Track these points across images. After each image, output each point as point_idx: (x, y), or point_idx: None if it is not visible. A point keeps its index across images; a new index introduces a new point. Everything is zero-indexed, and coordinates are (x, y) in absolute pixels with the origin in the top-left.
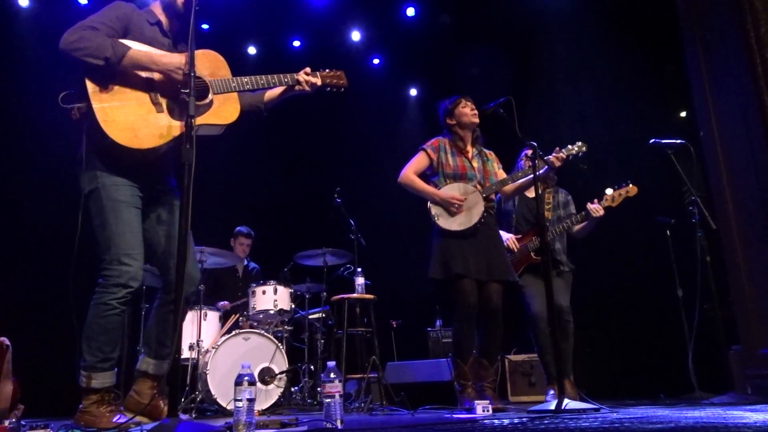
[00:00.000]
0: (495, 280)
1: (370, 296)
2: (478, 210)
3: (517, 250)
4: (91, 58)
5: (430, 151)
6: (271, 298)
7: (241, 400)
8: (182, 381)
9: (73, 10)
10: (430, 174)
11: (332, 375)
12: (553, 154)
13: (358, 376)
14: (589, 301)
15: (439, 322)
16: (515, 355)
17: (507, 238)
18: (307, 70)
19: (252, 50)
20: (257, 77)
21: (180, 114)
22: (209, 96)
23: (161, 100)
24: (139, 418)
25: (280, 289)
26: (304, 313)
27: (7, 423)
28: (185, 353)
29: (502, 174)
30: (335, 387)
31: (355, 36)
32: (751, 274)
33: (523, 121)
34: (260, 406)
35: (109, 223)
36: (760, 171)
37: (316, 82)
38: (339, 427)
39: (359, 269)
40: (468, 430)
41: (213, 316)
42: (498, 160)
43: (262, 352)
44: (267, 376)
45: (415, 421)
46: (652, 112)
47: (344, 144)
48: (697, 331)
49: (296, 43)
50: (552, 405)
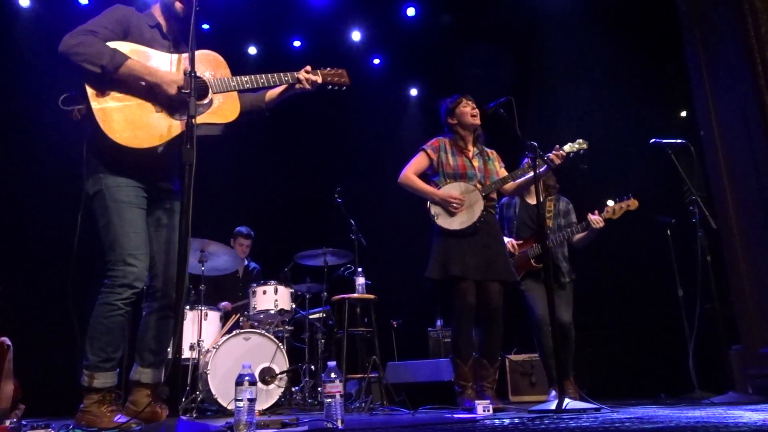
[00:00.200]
0: (495, 280)
1: (371, 296)
2: (478, 209)
3: (516, 255)
4: (89, 65)
5: (430, 152)
6: (272, 298)
7: (241, 400)
8: (183, 381)
9: (73, 11)
10: (430, 174)
11: (333, 375)
12: (553, 151)
13: (358, 376)
14: (590, 301)
15: (439, 322)
16: (516, 355)
17: (507, 242)
18: (308, 68)
19: (252, 50)
20: (257, 76)
21: (179, 113)
22: (209, 95)
23: (160, 100)
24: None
25: (281, 289)
26: (304, 313)
27: (8, 423)
28: (186, 353)
29: (504, 173)
30: (336, 387)
31: (356, 36)
32: (752, 274)
33: (524, 121)
34: (261, 406)
35: (113, 224)
36: (761, 170)
37: (317, 80)
38: (340, 427)
39: (360, 269)
40: (468, 429)
41: (213, 316)
42: (500, 159)
43: (263, 352)
44: (268, 376)
45: (415, 421)
46: (653, 111)
47: (345, 144)
48: (698, 331)
49: (296, 43)
50: (553, 405)
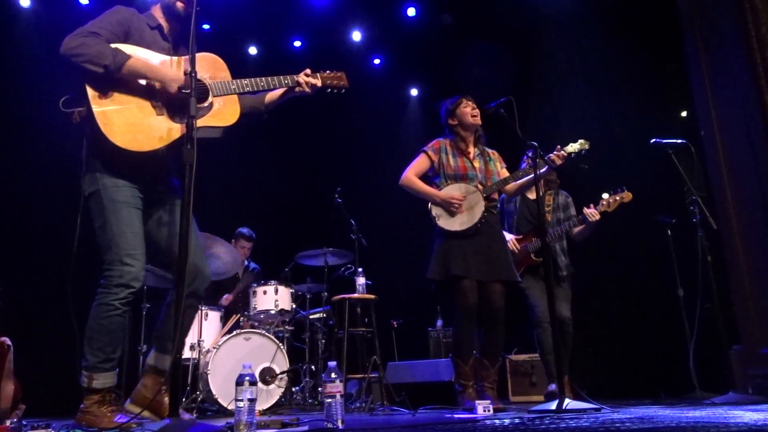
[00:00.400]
0: (496, 280)
1: (371, 296)
2: (479, 210)
3: (517, 251)
4: (91, 65)
5: (430, 153)
6: (272, 298)
7: (242, 400)
8: (183, 381)
9: (74, 11)
10: (432, 175)
11: (333, 375)
12: (554, 152)
13: (359, 376)
14: (591, 301)
15: (440, 322)
16: (516, 355)
17: (508, 240)
18: (308, 71)
19: (253, 50)
20: (257, 79)
21: (179, 116)
22: (209, 98)
23: (161, 103)
24: (143, 414)
25: (281, 289)
26: (305, 313)
27: (8, 423)
28: (186, 353)
29: (506, 173)
30: (336, 387)
31: (356, 36)
32: (752, 274)
33: (524, 121)
34: (261, 406)
35: (110, 224)
36: (761, 170)
37: (317, 83)
38: (340, 427)
39: (360, 269)
40: (469, 429)
41: (214, 316)
42: (501, 159)
43: (263, 352)
44: (268, 376)
45: (416, 421)
46: (653, 111)
47: (345, 144)
48: (698, 331)
49: (297, 44)
50: (553, 405)
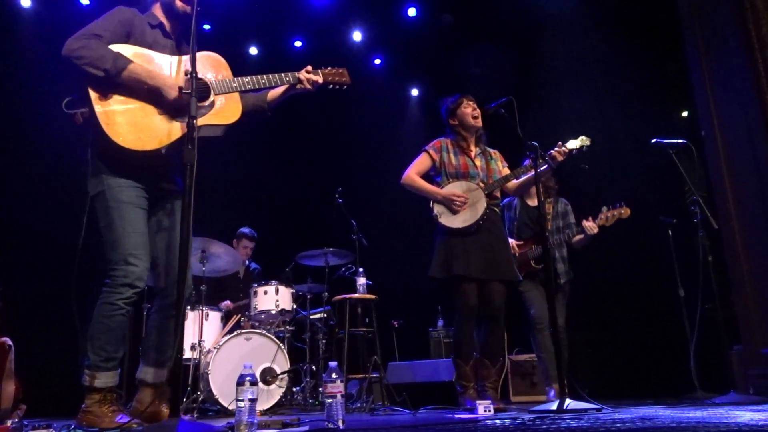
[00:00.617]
0: (497, 279)
1: (372, 296)
2: (481, 207)
3: (517, 255)
4: (91, 68)
5: (432, 152)
6: (273, 298)
7: (242, 400)
8: (184, 381)
9: (74, 11)
10: (433, 174)
11: (334, 375)
12: (555, 148)
13: (359, 376)
14: (591, 301)
15: (440, 323)
16: (517, 356)
17: (509, 242)
18: (309, 68)
19: (253, 50)
20: (258, 77)
21: (181, 116)
22: (211, 97)
23: (163, 103)
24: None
25: (282, 289)
26: (305, 313)
27: (9, 423)
28: (187, 353)
29: (507, 172)
30: (337, 387)
31: (357, 36)
32: (753, 274)
33: (525, 121)
34: (262, 406)
35: (115, 224)
36: (762, 170)
37: (318, 80)
38: (341, 427)
39: (361, 269)
40: (470, 429)
41: (214, 317)
42: (503, 158)
43: (264, 352)
44: (269, 376)
45: (416, 421)
46: (654, 111)
47: (346, 144)
48: (699, 331)
49: (298, 44)
50: (554, 405)
